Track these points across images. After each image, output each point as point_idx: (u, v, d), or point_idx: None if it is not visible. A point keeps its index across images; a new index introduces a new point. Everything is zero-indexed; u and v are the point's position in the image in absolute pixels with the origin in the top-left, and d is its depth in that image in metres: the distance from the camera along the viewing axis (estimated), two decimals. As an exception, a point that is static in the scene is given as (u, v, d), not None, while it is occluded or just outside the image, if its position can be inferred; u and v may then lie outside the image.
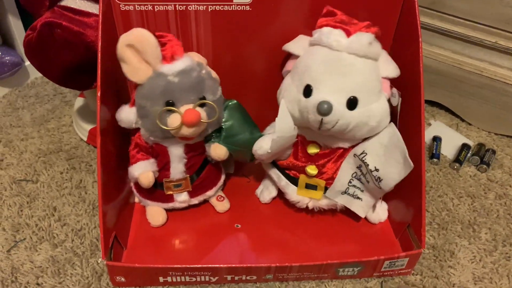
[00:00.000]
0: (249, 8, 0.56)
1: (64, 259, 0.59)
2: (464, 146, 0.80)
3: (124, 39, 0.48)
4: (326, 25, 0.52)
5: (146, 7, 0.56)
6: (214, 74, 0.55)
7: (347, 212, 0.62)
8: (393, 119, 0.55)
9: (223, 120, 0.56)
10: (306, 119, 0.51)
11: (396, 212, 0.62)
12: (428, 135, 0.83)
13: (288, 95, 0.53)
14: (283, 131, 0.53)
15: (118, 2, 0.55)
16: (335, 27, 0.51)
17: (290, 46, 0.56)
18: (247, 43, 0.60)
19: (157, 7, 0.56)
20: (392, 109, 0.54)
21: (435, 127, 0.87)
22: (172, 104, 0.50)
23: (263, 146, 0.55)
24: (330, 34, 0.50)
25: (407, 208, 0.59)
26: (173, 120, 0.50)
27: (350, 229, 0.62)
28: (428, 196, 0.71)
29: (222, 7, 0.56)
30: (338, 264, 0.54)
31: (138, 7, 0.56)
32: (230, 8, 0.56)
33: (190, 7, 0.56)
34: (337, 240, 0.60)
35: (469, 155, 0.79)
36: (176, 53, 0.50)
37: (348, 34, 0.50)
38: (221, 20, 0.57)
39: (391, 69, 0.53)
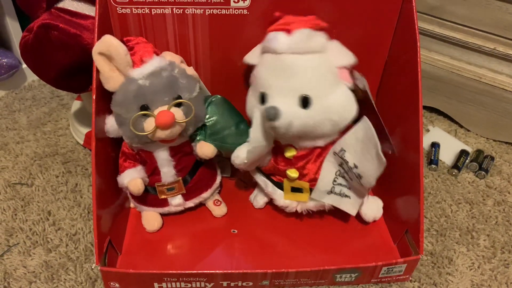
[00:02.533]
0: (246, 12, 0.56)
1: (58, 264, 0.59)
2: (463, 153, 0.79)
3: (96, 47, 0.48)
4: (272, 30, 0.51)
5: (143, 10, 0.56)
6: (190, 71, 0.54)
7: (344, 216, 0.61)
8: (368, 103, 0.53)
9: (207, 116, 0.55)
10: (266, 126, 0.51)
11: (395, 218, 0.61)
12: (426, 141, 0.83)
13: (252, 106, 0.55)
14: (257, 140, 0.53)
15: (115, 5, 0.55)
16: (278, 30, 0.51)
17: (248, 57, 0.56)
18: (244, 46, 0.59)
19: (154, 10, 0.56)
20: (363, 93, 0.53)
21: (434, 133, 0.87)
22: (147, 108, 0.49)
23: (240, 155, 0.55)
24: (272, 39, 0.50)
25: (406, 213, 0.58)
26: (148, 124, 0.49)
27: (347, 234, 0.61)
28: (427, 202, 0.71)
29: (219, 11, 0.56)
30: (335, 270, 0.54)
31: (135, 10, 0.55)
32: (227, 12, 0.56)
33: (187, 11, 0.56)
34: (334, 245, 0.60)
35: (467, 161, 0.79)
36: (144, 56, 0.50)
37: (289, 33, 0.49)
38: (219, 23, 0.57)
39: (345, 58, 0.52)
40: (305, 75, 0.50)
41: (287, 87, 0.50)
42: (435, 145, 0.81)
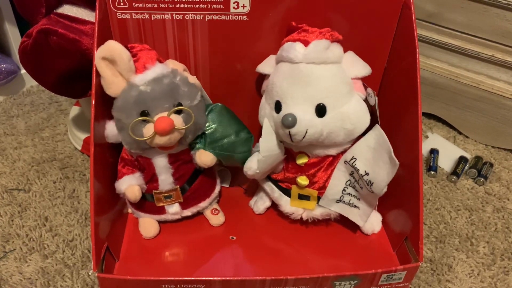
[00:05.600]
0: (246, 18, 0.56)
1: (55, 270, 0.58)
2: (462, 159, 0.79)
3: (99, 52, 0.48)
4: (288, 41, 0.53)
5: (143, 16, 0.56)
6: (192, 79, 0.54)
7: (343, 223, 0.61)
8: (373, 119, 0.54)
9: (207, 124, 0.55)
10: (280, 134, 0.52)
11: (394, 225, 0.61)
12: (425, 147, 0.83)
13: (264, 114, 0.55)
14: (268, 150, 0.53)
15: (115, 10, 0.55)
16: (294, 40, 0.52)
17: (261, 67, 0.57)
18: (244, 52, 0.59)
19: (154, 16, 0.56)
20: (371, 109, 0.54)
21: (432, 139, 0.87)
22: (147, 114, 0.49)
23: (252, 166, 0.55)
24: (289, 48, 0.52)
25: (405, 220, 0.58)
26: (147, 130, 0.49)
27: (346, 241, 0.61)
28: (426, 209, 0.71)
29: (219, 17, 0.56)
30: (335, 277, 0.53)
31: (135, 16, 0.55)
32: (227, 18, 0.56)
33: (187, 16, 0.56)
34: (333, 252, 0.59)
35: (466, 168, 0.79)
36: (147, 62, 0.50)
37: (306, 44, 0.51)
38: (218, 29, 0.57)
39: (359, 69, 0.53)
40: (321, 84, 0.51)
41: (303, 95, 0.51)
42: (434, 152, 0.81)
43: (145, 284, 0.52)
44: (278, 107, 0.52)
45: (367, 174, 0.53)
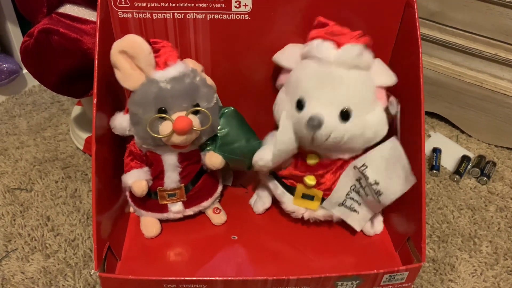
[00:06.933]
0: (248, 17, 0.56)
1: (56, 270, 0.58)
2: (464, 158, 0.79)
3: (117, 45, 0.48)
4: (317, 37, 0.52)
5: (145, 15, 0.56)
6: (209, 81, 0.54)
7: (345, 224, 0.61)
8: (392, 129, 0.54)
9: (219, 127, 0.55)
10: (300, 133, 0.51)
11: (396, 225, 0.61)
12: (428, 146, 0.82)
13: (283, 109, 0.54)
14: (284, 143, 0.52)
15: (116, 9, 0.55)
16: (325, 38, 0.51)
17: (281, 59, 0.56)
18: (245, 51, 0.59)
19: (155, 15, 0.56)
20: (391, 119, 0.54)
21: (435, 138, 0.86)
22: (165, 111, 0.49)
23: (264, 157, 0.54)
24: (320, 47, 0.50)
25: (407, 220, 0.58)
26: (164, 128, 0.49)
27: (349, 241, 0.61)
28: (428, 208, 0.71)
29: (221, 16, 0.56)
30: (337, 277, 0.53)
31: (136, 15, 0.55)
32: (229, 17, 0.56)
33: (188, 16, 0.56)
34: (335, 252, 0.59)
35: (469, 167, 0.79)
36: (169, 60, 0.50)
37: (338, 45, 0.50)
38: (220, 28, 0.57)
39: (386, 78, 0.53)
40: (350, 89, 0.50)
41: (330, 97, 0.50)
42: (436, 151, 0.81)
43: (146, 284, 0.51)
44: (300, 105, 0.51)
45: (376, 183, 0.52)
